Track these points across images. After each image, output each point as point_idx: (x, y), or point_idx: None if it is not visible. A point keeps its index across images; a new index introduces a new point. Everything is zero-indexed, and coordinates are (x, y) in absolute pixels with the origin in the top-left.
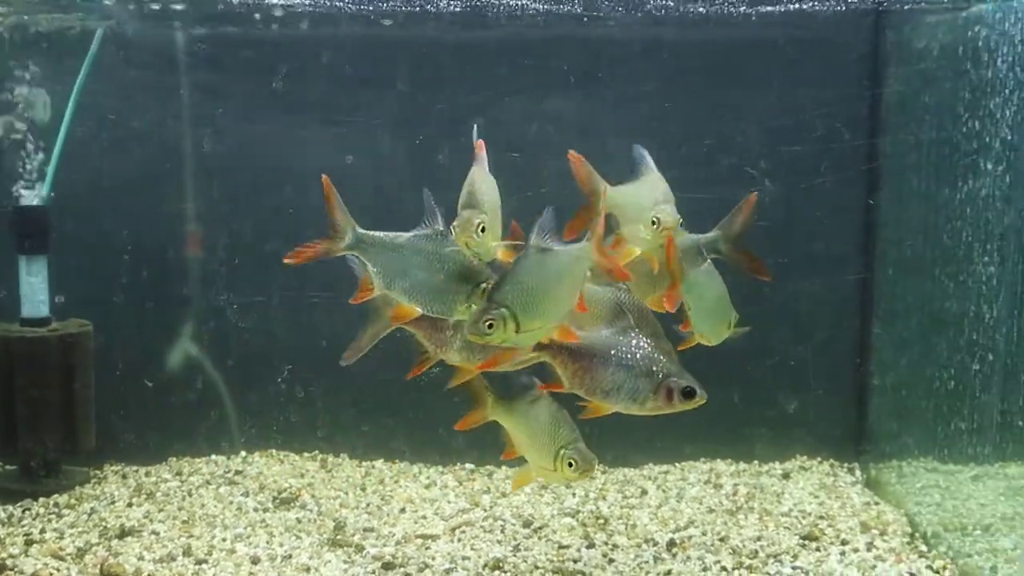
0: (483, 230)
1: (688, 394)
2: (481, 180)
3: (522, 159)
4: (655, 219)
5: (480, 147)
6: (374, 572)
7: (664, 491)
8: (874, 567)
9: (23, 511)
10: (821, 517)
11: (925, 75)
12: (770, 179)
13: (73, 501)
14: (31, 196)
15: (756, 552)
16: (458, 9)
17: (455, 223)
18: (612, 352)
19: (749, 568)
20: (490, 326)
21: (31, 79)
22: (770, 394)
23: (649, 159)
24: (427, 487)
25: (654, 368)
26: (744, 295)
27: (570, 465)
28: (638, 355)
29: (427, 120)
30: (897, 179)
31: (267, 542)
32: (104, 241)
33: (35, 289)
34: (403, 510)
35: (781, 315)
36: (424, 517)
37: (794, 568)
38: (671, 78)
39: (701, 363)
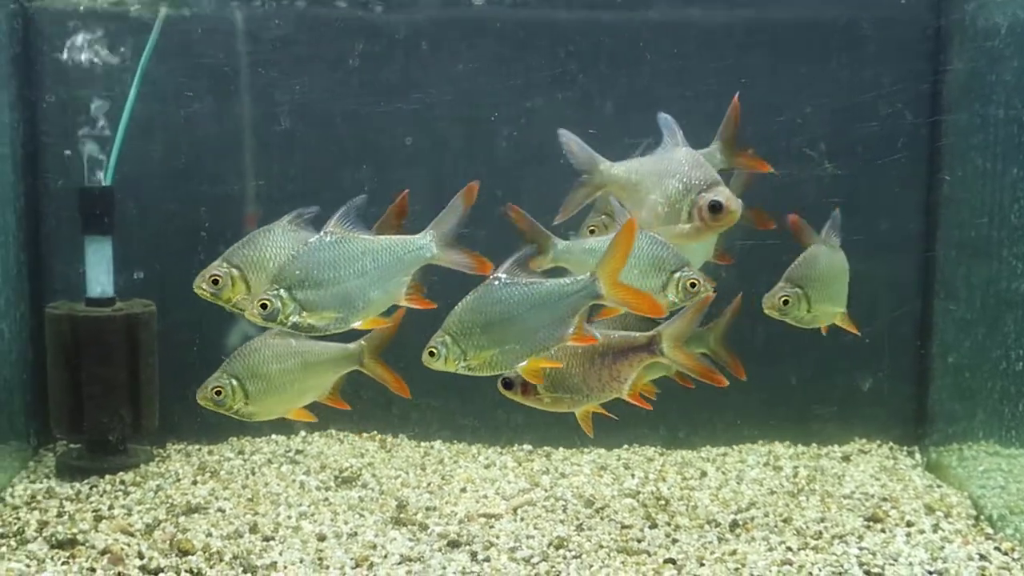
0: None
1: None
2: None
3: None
4: (708, 204)
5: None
6: (440, 550)
7: (724, 473)
8: (942, 548)
9: (90, 488)
10: (884, 499)
11: (991, 53)
12: (831, 160)
13: (139, 479)
14: (96, 177)
15: (820, 533)
16: None
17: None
18: None
19: (815, 548)
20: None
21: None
22: (829, 376)
23: (676, 128)
24: (486, 467)
25: None
26: None
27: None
28: None
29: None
30: (961, 159)
31: (331, 520)
32: (168, 221)
33: (100, 269)
34: (463, 490)
35: None
36: (485, 496)
37: (861, 549)
38: (734, 58)
39: (758, 342)
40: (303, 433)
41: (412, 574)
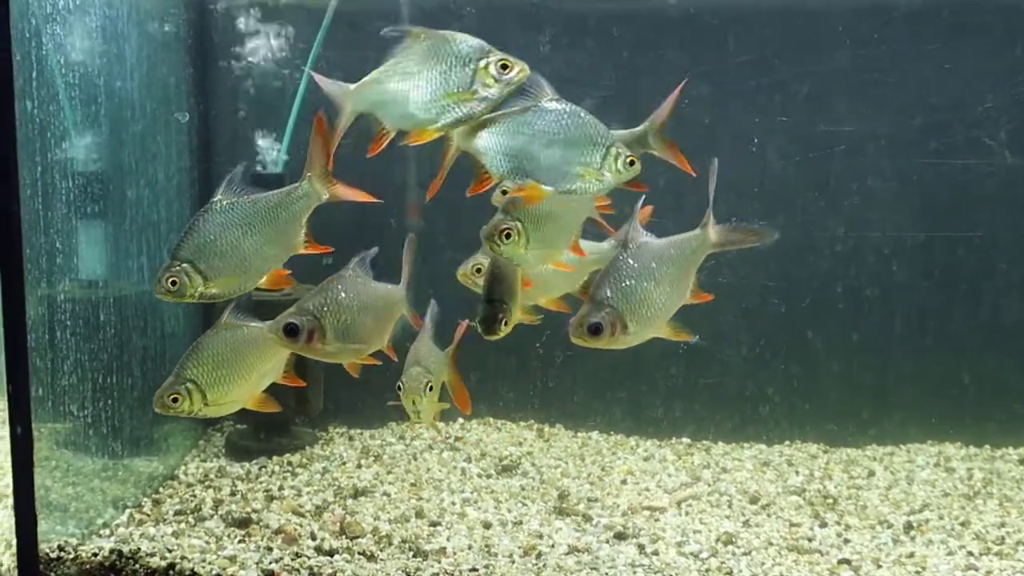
0: (507, 236)
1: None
2: None
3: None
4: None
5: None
6: (607, 541)
7: (892, 473)
8: None
9: (259, 468)
10: None
11: None
12: (1011, 151)
13: (305, 460)
14: (269, 163)
15: (1002, 539)
16: None
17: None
18: None
19: (998, 554)
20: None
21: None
22: (1005, 376)
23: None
24: (646, 459)
25: None
26: (978, 272)
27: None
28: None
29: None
30: None
31: (495, 507)
32: (335, 207)
33: None
34: (624, 481)
35: (1018, 292)
36: (647, 489)
37: None
38: (905, 43)
39: (930, 341)
40: (461, 420)
41: (581, 564)
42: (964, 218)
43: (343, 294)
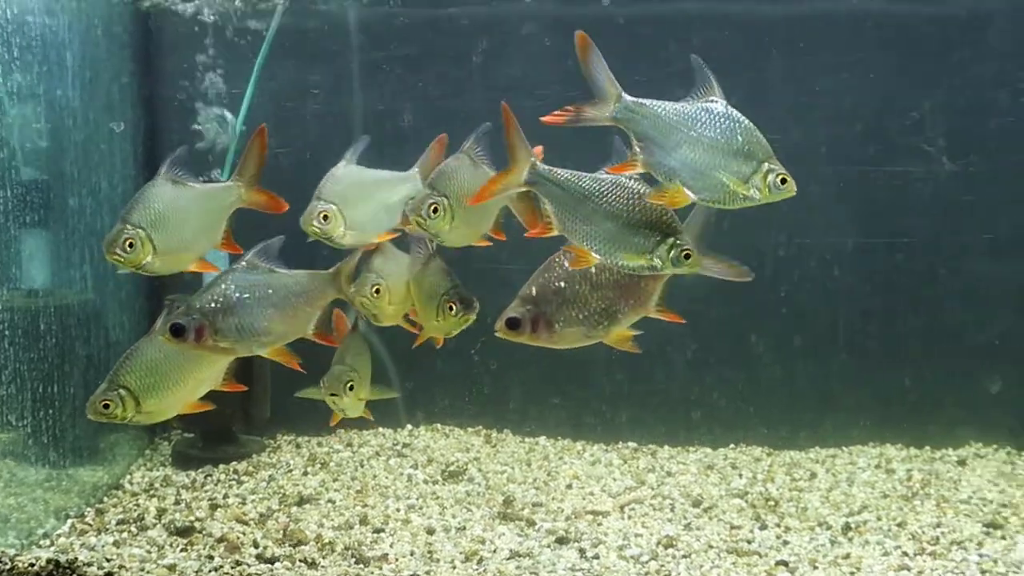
0: (435, 211)
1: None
2: (455, 166)
3: None
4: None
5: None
6: (549, 546)
7: (834, 475)
8: None
9: (205, 477)
10: (1004, 505)
11: None
12: (949, 157)
13: (251, 468)
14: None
15: (937, 539)
16: None
17: (411, 199)
18: None
19: (932, 555)
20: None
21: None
22: (944, 379)
23: (711, 76)
24: (592, 464)
25: None
26: (918, 277)
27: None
28: None
29: None
30: None
31: (440, 513)
32: (277, 218)
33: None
34: (570, 486)
35: (957, 297)
36: (592, 494)
37: (981, 556)
38: (851, 53)
39: (873, 344)
40: (409, 427)
41: (522, 569)
42: (904, 224)
43: (232, 288)
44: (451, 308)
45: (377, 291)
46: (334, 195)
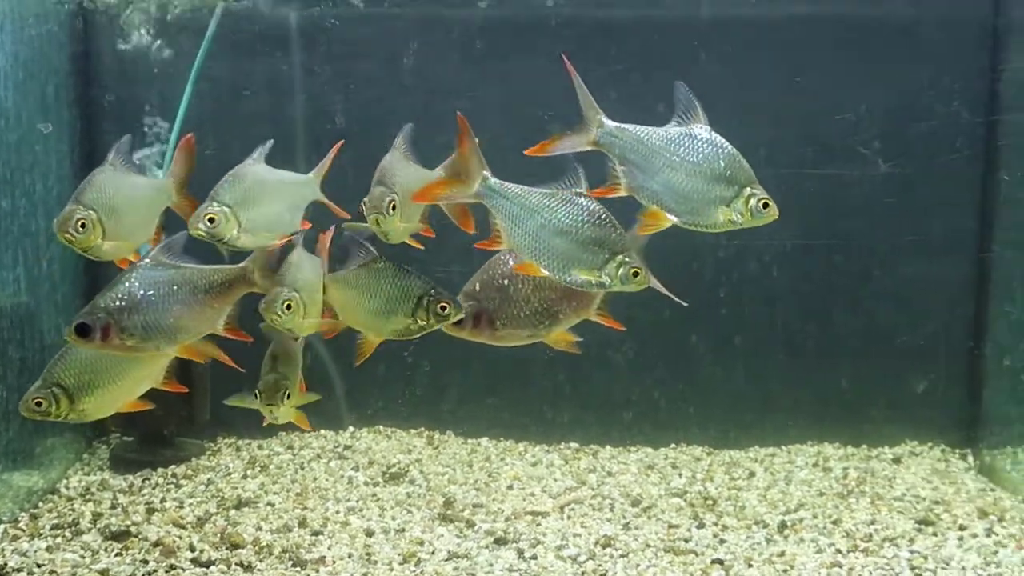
0: (393, 208)
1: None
2: (398, 164)
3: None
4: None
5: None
6: (487, 547)
7: (772, 474)
8: (995, 553)
9: (143, 480)
10: (936, 502)
11: None
12: (884, 159)
13: (190, 472)
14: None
15: (871, 536)
16: None
17: (366, 199)
18: None
19: (865, 551)
20: None
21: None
22: (880, 378)
23: (695, 102)
24: (533, 465)
25: None
26: (854, 278)
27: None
28: None
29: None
30: (1019, 158)
31: (379, 515)
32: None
33: None
34: (511, 487)
35: (891, 297)
36: (532, 494)
37: (912, 552)
38: (783, 55)
39: (811, 344)
40: (351, 429)
41: (459, 571)
42: (841, 226)
43: (136, 285)
44: (443, 308)
45: (289, 307)
46: (228, 196)
